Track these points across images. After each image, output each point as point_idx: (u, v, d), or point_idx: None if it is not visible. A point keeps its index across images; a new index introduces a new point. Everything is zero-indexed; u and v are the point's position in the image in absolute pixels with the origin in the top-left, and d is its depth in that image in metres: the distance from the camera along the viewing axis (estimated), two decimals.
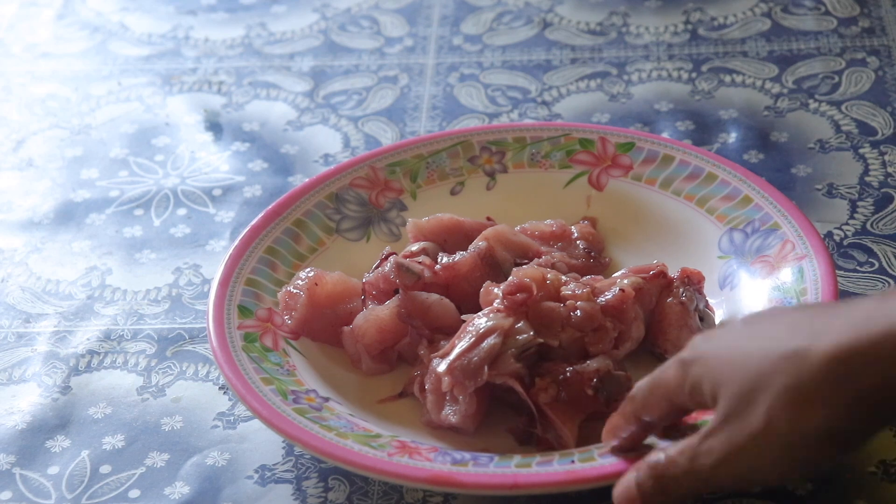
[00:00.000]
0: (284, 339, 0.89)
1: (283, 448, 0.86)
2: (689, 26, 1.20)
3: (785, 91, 1.12)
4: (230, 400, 0.91)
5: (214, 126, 1.14)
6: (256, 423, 0.89)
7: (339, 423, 0.83)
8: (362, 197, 0.98)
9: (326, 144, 1.11)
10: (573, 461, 0.79)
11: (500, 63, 1.18)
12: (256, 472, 0.86)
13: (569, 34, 1.20)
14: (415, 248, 0.93)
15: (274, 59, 1.21)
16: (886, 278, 0.95)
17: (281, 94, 1.17)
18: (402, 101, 1.15)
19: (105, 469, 0.87)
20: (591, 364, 0.83)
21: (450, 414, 0.83)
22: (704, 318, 0.89)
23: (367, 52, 1.20)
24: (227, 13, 1.27)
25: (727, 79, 1.14)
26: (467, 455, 0.81)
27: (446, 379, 0.82)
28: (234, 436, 0.88)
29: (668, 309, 0.88)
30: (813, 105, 1.10)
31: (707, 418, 0.75)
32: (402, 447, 0.81)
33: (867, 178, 1.03)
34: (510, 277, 0.86)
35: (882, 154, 1.05)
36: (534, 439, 0.83)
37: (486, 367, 0.82)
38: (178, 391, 0.92)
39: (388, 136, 1.11)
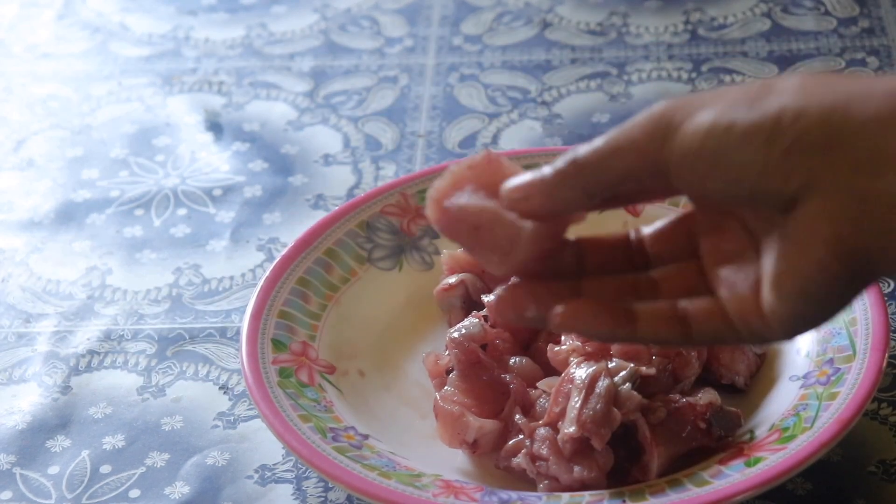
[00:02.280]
0: (320, 373, 0.87)
1: (283, 448, 0.86)
2: (689, 26, 1.20)
3: None
4: (230, 400, 0.91)
5: (215, 126, 1.14)
6: (257, 423, 0.89)
7: (381, 462, 0.81)
8: (393, 225, 0.96)
9: (327, 144, 1.11)
10: (624, 501, 0.77)
11: (500, 63, 1.18)
12: (256, 471, 0.86)
13: (569, 34, 1.21)
14: (453, 280, 0.91)
15: (274, 59, 1.21)
16: (886, 278, 0.95)
17: (281, 95, 1.17)
18: (402, 101, 1.15)
19: (105, 469, 0.87)
20: (703, 396, 0.81)
21: (583, 471, 0.80)
22: None
23: (367, 53, 1.21)
24: (228, 13, 1.27)
25: (727, 79, 1.14)
26: (514, 495, 0.79)
27: (570, 428, 0.79)
28: (235, 435, 0.88)
29: None
30: None
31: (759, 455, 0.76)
32: (446, 487, 0.79)
33: None
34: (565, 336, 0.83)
35: None
36: (624, 474, 0.81)
37: (614, 409, 0.79)
38: (178, 391, 0.92)
39: (388, 137, 1.11)
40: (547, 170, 0.64)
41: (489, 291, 0.89)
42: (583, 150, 0.63)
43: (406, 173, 1.06)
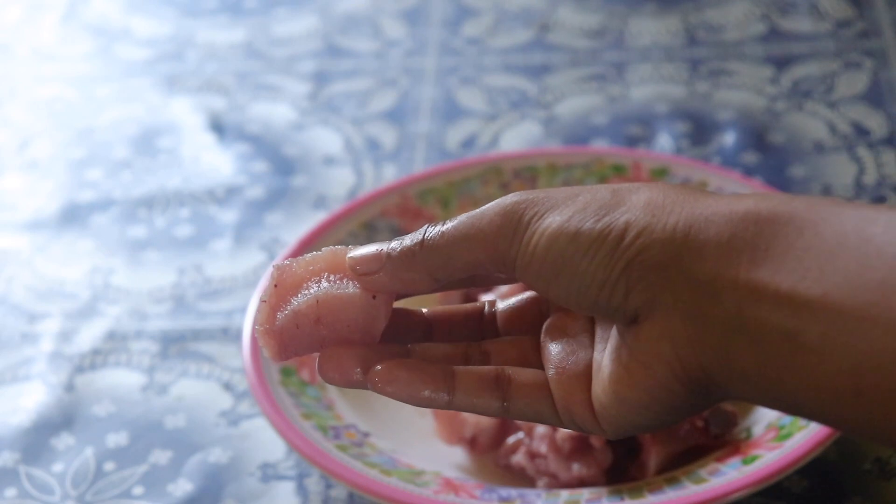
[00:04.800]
0: None
1: (285, 446, 0.87)
2: (687, 29, 1.20)
3: (781, 93, 1.12)
4: (233, 398, 0.92)
5: (217, 128, 1.15)
6: (259, 421, 0.89)
7: (382, 460, 0.81)
8: (394, 226, 0.97)
9: (328, 146, 1.12)
10: (623, 499, 0.78)
11: (500, 65, 1.19)
12: (259, 469, 0.87)
13: (568, 37, 1.21)
14: None
15: (276, 61, 1.21)
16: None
17: (283, 96, 1.17)
18: (402, 103, 1.16)
19: (109, 466, 0.88)
20: None
21: (582, 469, 0.80)
22: None
23: (368, 55, 1.21)
24: (230, 16, 1.27)
25: (724, 81, 1.14)
26: (513, 492, 0.80)
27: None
28: (237, 433, 0.89)
29: None
30: (809, 107, 1.11)
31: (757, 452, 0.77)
32: (446, 484, 0.80)
33: (863, 180, 1.03)
34: None
35: (877, 155, 1.05)
36: (622, 472, 0.81)
37: None
38: (181, 389, 0.92)
39: (388, 138, 1.12)
40: (394, 245, 0.61)
41: (489, 291, 0.90)
42: (433, 232, 0.61)
43: (407, 174, 1.07)
